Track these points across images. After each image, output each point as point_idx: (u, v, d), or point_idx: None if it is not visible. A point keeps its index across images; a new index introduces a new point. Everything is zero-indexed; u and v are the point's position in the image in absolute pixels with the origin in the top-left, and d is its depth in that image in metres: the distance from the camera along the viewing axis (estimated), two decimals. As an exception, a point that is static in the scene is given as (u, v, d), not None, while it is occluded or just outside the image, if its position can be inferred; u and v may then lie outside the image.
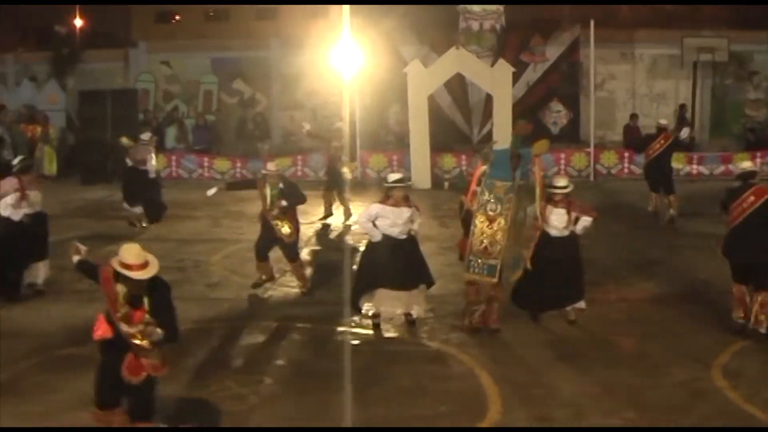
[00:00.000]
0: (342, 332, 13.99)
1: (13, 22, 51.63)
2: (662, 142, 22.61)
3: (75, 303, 15.42)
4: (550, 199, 13.96)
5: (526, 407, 11.07)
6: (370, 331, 13.99)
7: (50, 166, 30.05)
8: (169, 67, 35.17)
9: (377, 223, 13.74)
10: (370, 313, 14.18)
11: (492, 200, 13.47)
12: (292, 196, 16.17)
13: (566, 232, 14.04)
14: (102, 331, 9.14)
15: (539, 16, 33.29)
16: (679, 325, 14.37)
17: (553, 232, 13.99)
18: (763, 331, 13.56)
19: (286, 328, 14.32)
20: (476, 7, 32.36)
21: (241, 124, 34.48)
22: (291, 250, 16.25)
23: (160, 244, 20.34)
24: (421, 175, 28.32)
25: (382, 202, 13.78)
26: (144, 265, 9.06)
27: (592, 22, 29.43)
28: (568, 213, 13.94)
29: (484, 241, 13.50)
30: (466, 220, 14.55)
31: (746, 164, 15.39)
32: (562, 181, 14.25)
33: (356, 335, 13.87)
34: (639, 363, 12.71)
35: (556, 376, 12.16)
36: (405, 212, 13.76)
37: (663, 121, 23.92)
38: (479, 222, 13.55)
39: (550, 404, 11.17)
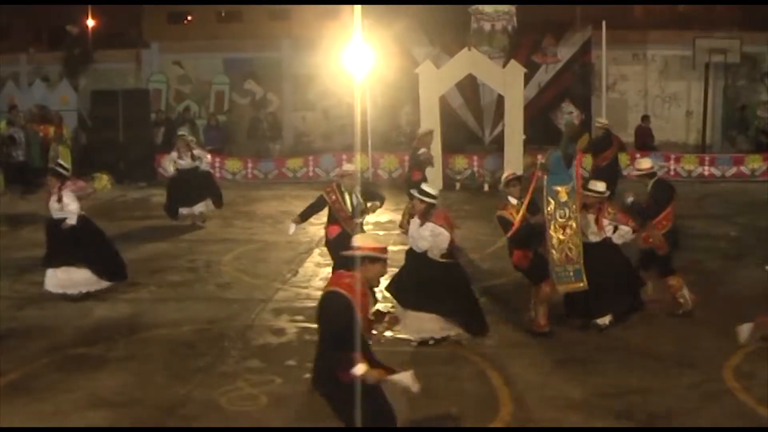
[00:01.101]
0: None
1: (25, 23, 51.81)
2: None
3: (88, 303, 15.49)
4: (583, 203, 13.77)
5: (538, 409, 11.07)
6: (381, 334, 13.97)
7: (65, 166, 30.11)
8: (181, 68, 35.26)
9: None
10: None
11: (558, 208, 13.33)
12: (376, 195, 15.76)
13: (598, 239, 13.83)
14: None
15: (551, 17, 33.29)
16: (691, 327, 14.34)
17: (590, 238, 13.82)
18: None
19: (297, 328, 14.34)
20: (488, 8, 32.33)
21: (253, 124, 34.51)
22: None
23: (172, 244, 20.47)
24: (433, 176, 28.27)
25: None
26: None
27: (604, 23, 29.42)
28: (597, 221, 13.78)
29: (564, 249, 13.39)
30: (519, 231, 13.87)
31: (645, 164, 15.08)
32: (599, 186, 13.97)
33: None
34: (651, 365, 12.68)
35: (567, 378, 12.14)
36: (422, 227, 13.15)
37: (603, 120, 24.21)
38: (554, 233, 13.39)
39: (562, 406, 11.16)
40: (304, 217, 15.73)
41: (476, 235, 20.23)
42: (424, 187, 13.48)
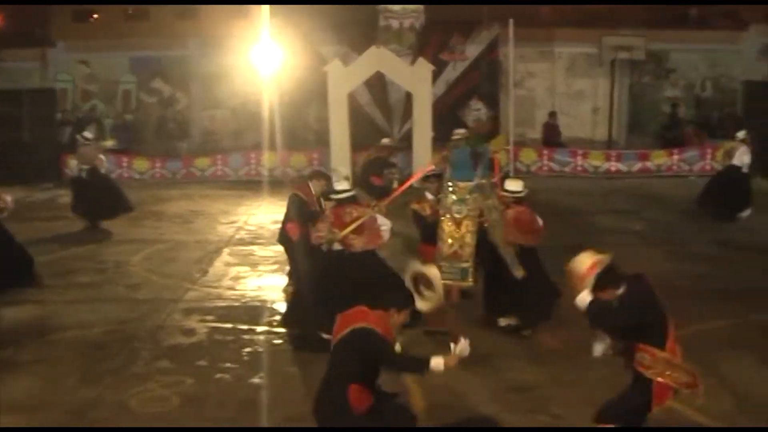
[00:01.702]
0: (263, 332, 13.98)
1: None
2: None
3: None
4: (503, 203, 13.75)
5: (452, 404, 11.12)
6: (291, 331, 13.97)
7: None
8: (88, 67, 34.84)
9: None
10: None
11: (456, 202, 13.35)
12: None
13: None
14: None
15: (459, 15, 33.39)
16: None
17: None
18: None
19: (207, 328, 14.29)
20: (396, 6, 32.45)
21: (161, 123, 34.27)
22: None
23: (80, 245, 20.24)
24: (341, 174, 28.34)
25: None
26: None
27: (511, 21, 29.62)
28: None
29: (454, 244, 13.39)
30: (426, 226, 14.32)
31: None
32: (515, 185, 13.96)
33: (277, 335, 13.86)
34: (562, 358, 12.76)
35: (480, 373, 12.16)
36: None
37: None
38: (446, 226, 13.39)
39: (475, 401, 11.26)
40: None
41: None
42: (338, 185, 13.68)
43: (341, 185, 13.73)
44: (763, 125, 28.31)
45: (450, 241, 13.33)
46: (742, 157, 22.55)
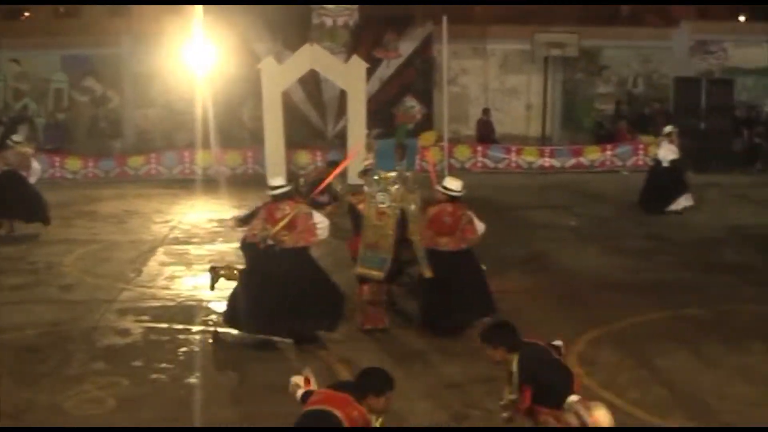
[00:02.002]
0: (198, 331, 13.93)
1: None
2: None
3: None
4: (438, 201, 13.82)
5: (387, 401, 11.18)
6: (228, 330, 13.93)
7: None
8: (19, 65, 34.42)
9: None
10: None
11: (379, 193, 13.33)
12: None
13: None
14: None
15: (392, 13, 33.42)
16: (537, 315, 14.62)
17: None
18: None
19: (142, 328, 14.20)
20: (330, 4, 32.43)
21: (93, 122, 33.93)
22: None
23: (10, 245, 19.99)
24: (276, 172, 28.29)
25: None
26: None
27: (444, 18, 29.69)
28: None
29: (375, 234, 13.38)
30: (359, 219, 14.20)
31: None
32: (453, 183, 13.92)
33: (213, 334, 13.81)
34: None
35: (416, 369, 12.28)
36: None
37: None
38: (369, 215, 13.41)
39: (411, 397, 11.27)
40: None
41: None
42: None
43: (276, 181, 13.70)
44: (694, 121, 28.69)
45: (372, 229, 13.32)
46: (662, 152, 22.97)
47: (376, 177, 13.41)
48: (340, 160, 16.48)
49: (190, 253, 19.28)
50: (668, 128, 23.37)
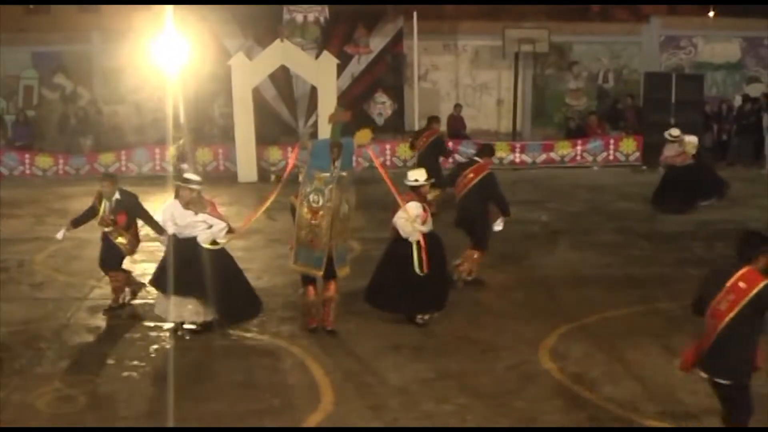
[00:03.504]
0: (170, 329, 13.90)
1: None
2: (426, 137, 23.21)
3: None
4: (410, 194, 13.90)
5: (359, 397, 11.22)
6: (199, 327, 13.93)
7: None
8: (-12, 62, 34.29)
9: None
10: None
11: (313, 192, 13.35)
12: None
13: (426, 229, 13.84)
14: None
15: (363, 8, 33.39)
16: (509, 311, 14.75)
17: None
18: (468, 278, 15.81)
19: (115, 326, 14.18)
20: (300, 2, 32.46)
21: (63, 119, 33.75)
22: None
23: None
24: (247, 168, 28.32)
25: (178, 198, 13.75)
26: None
27: (415, 14, 29.76)
28: (425, 209, 13.88)
29: (310, 233, 13.39)
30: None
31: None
32: (417, 174, 14.12)
33: (186, 331, 13.79)
34: (469, 348, 12.99)
35: (387, 365, 12.34)
36: (188, 216, 13.64)
37: None
38: (303, 213, 13.43)
39: (383, 393, 11.33)
40: (78, 223, 15.65)
41: (291, 225, 20.23)
42: (188, 175, 14.21)
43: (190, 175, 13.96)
44: (664, 115, 28.79)
45: (306, 228, 13.34)
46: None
47: (310, 177, 13.43)
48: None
49: (160, 250, 19.17)
50: (675, 131, 23.18)
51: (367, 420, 10.62)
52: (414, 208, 13.69)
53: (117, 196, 15.09)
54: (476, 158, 16.67)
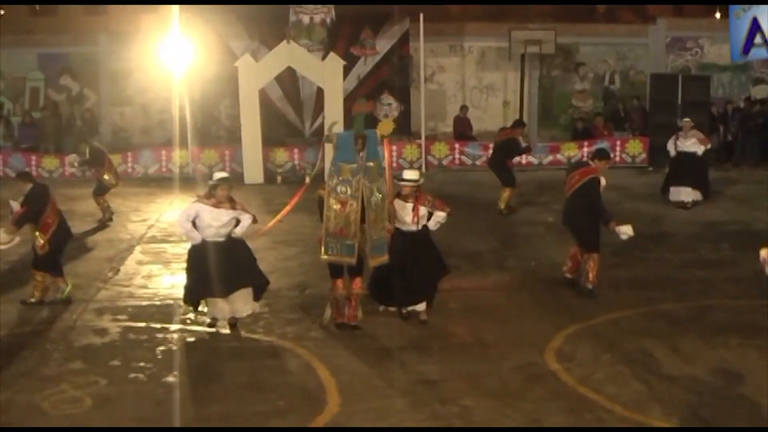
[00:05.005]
0: (176, 330, 13.91)
1: None
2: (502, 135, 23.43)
3: None
4: (398, 192, 14.00)
5: (365, 398, 11.21)
6: (205, 329, 13.95)
7: None
8: (-6, 63, 34.33)
9: (197, 223, 13.62)
10: (207, 321, 14.11)
11: (340, 183, 13.37)
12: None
13: (414, 228, 13.99)
14: None
15: (369, 10, 33.38)
16: (514, 312, 14.75)
17: (403, 227, 14.00)
18: (589, 286, 15.45)
19: (120, 327, 14.18)
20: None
21: (69, 121, 33.77)
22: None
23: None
24: (254, 170, 28.31)
25: (203, 200, 13.69)
26: None
27: (421, 16, 29.76)
28: (415, 208, 13.92)
29: (339, 223, 13.40)
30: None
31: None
32: (411, 174, 14.23)
33: (191, 333, 13.81)
34: (475, 350, 12.99)
35: (393, 367, 12.33)
36: (224, 215, 13.61)
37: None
38: (331, 204, 13.45)
39: (389, 394, 11.33)
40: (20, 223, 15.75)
41: (298, 227, 20.28)
42: (219, 173, 14.29)
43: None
44: (670, 117, 28.76)
45: (335, 219, 13.37)
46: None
47: (336, 169, 13.47)
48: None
49: (167, 252, 19.25)
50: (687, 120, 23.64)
51: (372, 421, 10.62)
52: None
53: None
54: (589, 161, 16.69)
